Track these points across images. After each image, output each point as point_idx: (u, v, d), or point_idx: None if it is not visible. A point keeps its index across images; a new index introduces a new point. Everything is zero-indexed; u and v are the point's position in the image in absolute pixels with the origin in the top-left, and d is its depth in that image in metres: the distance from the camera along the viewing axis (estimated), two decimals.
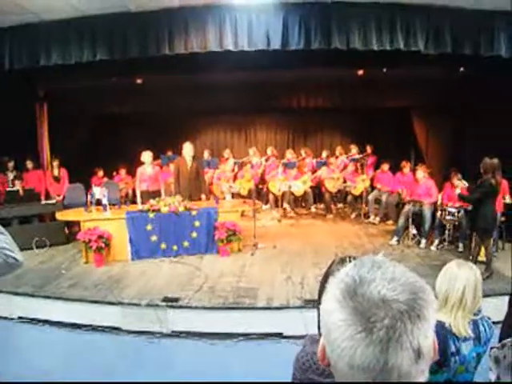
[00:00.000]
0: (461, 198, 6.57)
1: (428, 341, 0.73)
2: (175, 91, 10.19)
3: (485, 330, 2.23)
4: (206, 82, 9.84)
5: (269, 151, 11.64)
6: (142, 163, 8.13)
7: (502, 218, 7.52)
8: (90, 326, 5.19)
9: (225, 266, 6.61)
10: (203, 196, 8.03)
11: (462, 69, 8.46)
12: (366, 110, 11.29)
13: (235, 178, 10.79)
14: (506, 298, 3.10)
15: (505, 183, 7.52)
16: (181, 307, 5.13)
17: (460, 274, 2.22)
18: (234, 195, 9.91)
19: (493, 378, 2.30)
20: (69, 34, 6.17)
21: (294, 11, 5.84)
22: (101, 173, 10.59)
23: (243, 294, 5.44)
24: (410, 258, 7.06)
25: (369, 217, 9.71)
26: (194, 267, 6.56)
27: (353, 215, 10.26)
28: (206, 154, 11.64)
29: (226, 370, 4.23)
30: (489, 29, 6.17)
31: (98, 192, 7.35)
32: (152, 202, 7.12)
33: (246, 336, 4.92)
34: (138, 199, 8.06)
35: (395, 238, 7.90)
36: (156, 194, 7.86)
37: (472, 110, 9.57)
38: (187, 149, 7.86)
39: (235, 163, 11.06)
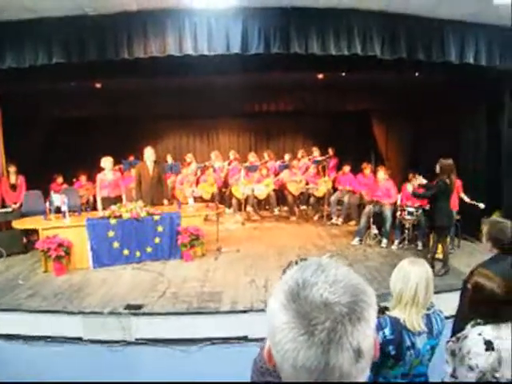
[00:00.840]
0: (414, 195, 6.80)
1: (368, 341, 0.76)
2: (136, 95, 10.08)
3: (437, 323, 2.32)
4: (167, 87, 9.78)
5: (231, 155, 11.65)
6: (103, 169, 7.98)
7: (458, 217, 7.79)
8: (49, 337, 5.02)
9: (188, 271, 6.57)
10: (166, 201, 7.96)
11: (416, 73, 8.72)
12: (327, 113, 11.52)
13: (198, 182, 10.74)
14: None
15: (459, 182, 7.81)
16: (144, 314, 5.06)
17: (412, 272, 2.30)
18: (197, 199, 9.85)
19: (449, 370, 2.38)
20: (23, 36, 6.00)
21: (254, 16, 5.88)
22: (60, 179, 10.30)
23: (207, 299, 5.43)
24: (371, 257, 7.22)
25: (331, 218, 9.86)
26: (158, 273, 6.49)
27: (316, 217, 10.39)
28: (169, 159, 11.56)
29: (191, 376, 4.20)
30: (440, 36, 6.42)
31: (57, 199, 7.16)
32: (113, 208, 7.00)
33: (211, 340, 4.91)
34: (99, 206, 7.90)
35: (357, 238, 8.06)
36: (117, 200, 7.72)
37: (427, 113, 9.90)
38: (148, 153, 7.78)
39: (197, 167, 11.00)
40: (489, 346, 2.27)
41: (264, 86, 10.33)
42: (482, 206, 7.52)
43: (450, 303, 3.37)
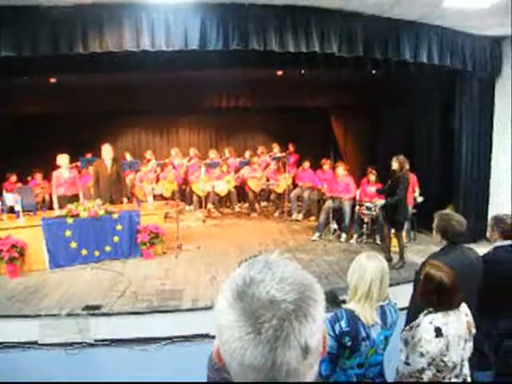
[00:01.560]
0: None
1: (315, 338, 0.75)
2: (93, 91, 9.82)
3: (391, 314, 2.40)
4: (126, 82, 9.57)
5: (191, 152, 11.55)
6: (59, 167, 7.76)
7: (414, 211, 8.04)
8: (2, 343, 4.82)
9: (149, 270, 6.50)
10: (125, 199, 7.82)
11: (373, 71, 8.90)
12: (287, 109, 11.58)
13: (158, 179, 10.62)
14: None
15: (414, 177, 8.06)
16: (103, 314, 4.97)
17: (368, 267, 2.37)
18: (157, 197, 9.74)
19: (403, 357, 2.48)
20: None
21: (212, 12, 5.83)
22: (13, 178, 9.94)
23: (168, 297, 5.39)
24: (331, 251, 7.36)
25: (292, 214, 9.96)
26: (117, 272, 6.38)
27: (276, 213, 10.47)
28: (128, 156, 11.35)
29: (153, 375, 4.16)
30: (395, 35, 6.58)
31: (10, 198, 6.90)
32: (70, 206, 6.83)
33: (172, 339, 4.88)
34: (55, 204, 7.68)
35: (317, 234, 8.18)
36: (74, 199, 7.54)
37: (384, 110, 10.14)
38: (106, 151, 7.62)
39: (157, 164, 10.86)
40: (438, 332, 2.39)
41: (224, 83, 10.31)
42: (420, 199, 7.81)
43: (406, 295, 3.48)
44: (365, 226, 7.96)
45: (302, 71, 8.78)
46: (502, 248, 3.65)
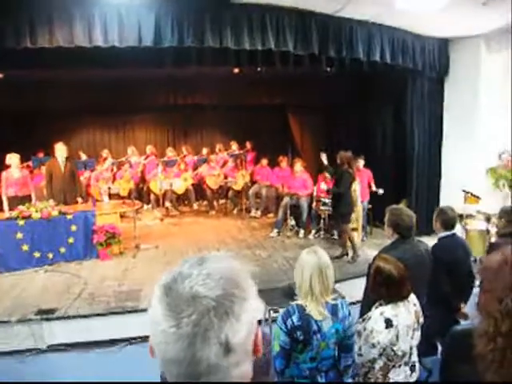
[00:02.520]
0: (331, 191, 7.03)
1: (239, 335, 0.76)
2: (44, 87, 9.51)
3: (342, 308, 2.46)
4: (78, 79, 9.30)
5: (148, 150, 11.39)
6: (8, 166, 7.48)
7: (369, 206, 8.24)
8: None
9: (105, 271, 6.37)
10: (80, 199, 7.63)
11: (329, 69, 9.04)
12: (245, 106, 11.59)
13: (114, 178, 10.41)
14: None
15: (370, 173, 8.27)
16: (58, 318, 4.83)
17: (306, 263, 2.43)
18: (113, 196, 9.54)
19: (356, 349, 2.57)
20: None
21: (167, 8, 5.75)
22: None
23: (125, 298, 5.31)
24: (290, 248, 7.44)
25: (250, 211, 10.00)
26: (72, 274, 6.21)
27: (235, 210, 10.49)
28: (82, 155, 11.06)
29: (111, 379, 4.08)
30: (349, 34, 6.71)
31: None
32: (21, 208, 6.60)
33: (131, 340, 4.81)
34: (5, 206, 7.40)
35: (275, 230, 8.26)
36: (26, 200, 7.28)
37: (339, 108, 10.32)
38: (59, 150, 7.42)
39: (113, 163, 10.65)
40: (388, 323, 2.49)
41: (180, 80, 10.23)
42: (380, 191, 8.03)
43: (360, 289, 3.57)
44: (322, 221, 8.10)
45: (258, 69, 8.79)
46: (445, 238, 3.84)
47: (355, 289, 5.24)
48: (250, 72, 9.43)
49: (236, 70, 9.43)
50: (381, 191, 8.14)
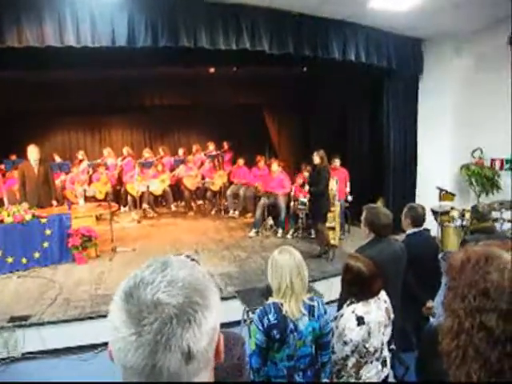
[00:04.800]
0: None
1: (201, 343, 0.75)
2: (14, 88, 9.27)
3: (318, 306, 2.48)
4: (53, 79, 9.13)
5: (125, 151, 11.25)
6: None
7: (347, 204, 8.31)
8: None
9: (81, 275, 6.26)
10: (54, 202, 7.50)
11: (304, 68, 9.10)
12: (221, 107, 11.55)
13: (90, 181, 10.26)
14: None
15: (346, 172, 8.34)
16: (31, 325, 4.72)
17: (284, 262, 2.43)
18: (90, 199, 9.41)
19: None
20: None
21: (140, 7, 5.69)
22: None
23: (101, 302, 5.21)
24: (268, 247, 7.43)
25: (228, 211, 9.98)
26: (47, 279, 6.09)
27: (213, 211, 10.45)
28: (57, 157, 10.87)
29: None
30: (324, 34, 6.75)
31: None
32: None
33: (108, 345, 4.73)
34: None
35: (254, 230, 8.25)
36: None
37: (316, 107, 10.38)
38: (32, 152, 7.26)
39: (89, 165, 10.50)
40: (360, 321, 2.53)
41: (155, 80, 10.13)
42: (349, 198, 8.14)
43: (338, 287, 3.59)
44: (300, 220, 8.12)
45: (234, 68, 8.78)
46: (413, 235, 3.89)
47: (333, 287, 5.28)
48: (225, 72, 9.41)
49: (212, 70, 9.40)
50: (349, 198, 8.24)
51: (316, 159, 6.77)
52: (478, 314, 0.91)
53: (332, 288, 5.46)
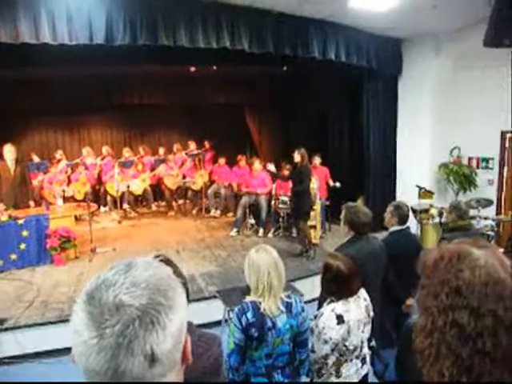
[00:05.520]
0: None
1: (165, 346, 0.74)
2: None
3: (296, 304, 2.48)
4: (30, 77, 8.94)
5: (104, 150, 11.10)
6: None
7: (327, 203, 8.35)
8: None
9: (60, 276, 6.16)
10: (32, 202, 7.37)
11: (285, 68, 9.11)
12: (202, 106, 11.50)
13: (69, 181, 10.10)
14: None
15: (326, 170, 8.38)
16: (8, 329, 4.61)
17: (261, 260, 2.43)
18: (69, 199, 9.26)
19: (309, 346, 2.60)
20: None
21: (118, 5, 5.58)
22: None
23: None
24: (249, 246, 7.34)
25: (210, 211, 9.94)
26: (24, 281, 5.97)
27: (194, 210, 10.38)
28: (35, 157, 10.68)
29: None
30: (304, 33, 6.75)
31: None
32: None
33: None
34: None
35: (235, 230, 8.23)
36: None
37: (297, 106, 10.40)
38: (8, 152, 7.11)
39: (68, 165, 10.34)
40: (339, 319, 2.54)
41: (135, 79, 10.01)
42: (337, 184, 8.16)
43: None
44: (281, 220, 8.13)
45: (214, 67, 8.74)
46: (397, 232, 3.93)
47: (315, 286, 5.29)
48: (206, 71, 9.37)
49: (192, 69, 9.34)
50: (338, 184, 8.26)
51: (297, 157, 6.78)
52: (451, 312, 0.92)
53: (313, 286, 5.48)
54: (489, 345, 0.87)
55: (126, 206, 9.94)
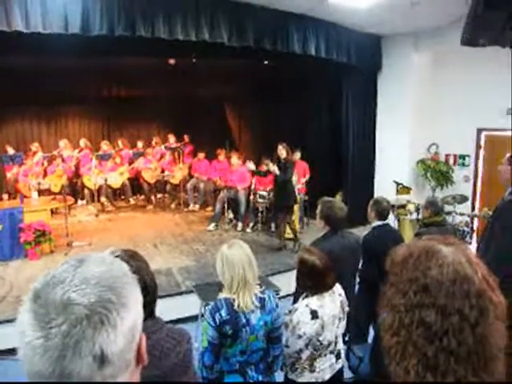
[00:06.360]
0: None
1: (117, 346, 0.70)
2: None
3: (269, 300, 2.47)
4: (5, 66, 8.63)
5: (82, 143, 10.91)
6: None
7: (306, 197, 8.37)
8: None
9: (34, 271, 6.04)
10: (5, 195, 7.22)
11: (265, 62, 9.06)
12: (182, 99, 11.40)
13: (45, 173, 9.91)
14: None
15: (306, 166, 8.39)
16: None
17: (235, 256, 2.41)
18: (45, 192, 9.08)
19: (284, 340, 2.60)
20: None
21: None
22: None
23: None
24: (227, 241, 7.33)
25: (188, 205, 9.87)
26: None
27: (173, 204, 10.30)
28: (9, 149, 10.44)
29: None
30: (285, 27, 6.72)
31: None
32: None
33: None
34: None
35: (213, 224, 8.20)
36: None
37: (276, 101, 10.38)
38: None
39: (44, 157, 10.14)
40: (314, 314, 2.54)
41: (114, 70, 9.83)
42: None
43: None
44: (260, 214, 8.13)
45: (194, 60, 8.65)
46: (378, 227, 3.96)
47: (292, 280, 5.30)
48: (185, 63, 9.26)
49: (172, 61, 9.22)
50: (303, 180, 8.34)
51: (283, 152, 6.81)
52: (418, 310, 0.91)
53: (291, 281, 5.47)
54: (454, 343, 0.87)
55: (103, 199, 9.81)
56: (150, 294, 1.70)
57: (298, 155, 8.32)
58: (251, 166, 7.54)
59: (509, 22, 3.19)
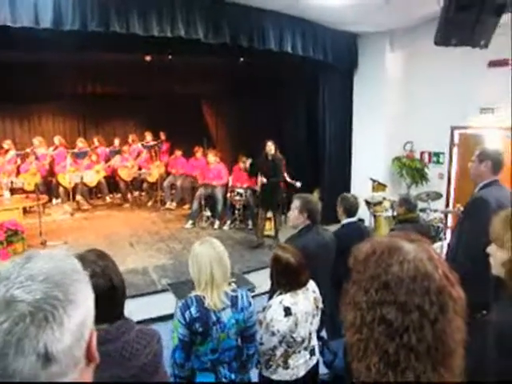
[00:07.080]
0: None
1: (63, 344, 0.69)
2: None
3: (242, 298, 2.46)
4: None
5: (56, 140, 10.71)
6: None
7: (284, 194, 8.38)
8: None
9: None
10: None
11: (241, 59, 9.03)
12: (158, 96, 11.29)
13: (18, 172, 9.71)
14: None
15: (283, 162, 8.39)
16: None
17: (204, 253, 2.39)
18: (17, 191, 8.89)
19: (258, 338, 2.60)
20: None
21: None
22: None
23: None
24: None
25: (165, 203, 9.81)
26: None
27: (150, 202, 10.24)
28: None
29: None
30: (261, 24, 6.71)
31: None
32: None
33: None
34: None
35: (190, 222, 8.17)
36: None
37: (253, 98, 10.38)
38: None
39: (17, 155, 9.92)
40: (287, 311, 2.56)
41: (89, 67, 9.68)
42: (298, 184, 8.18)
43: None
44: (237, 212, 8.12)
45: (170, 57, 8.57)
46: (348, 224, 4.00)
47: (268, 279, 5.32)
48: (161, 60, 9.16)
49: (148, 58, 9.11)
50: (298, 184, 8.28)
51: (272, 149, 6.92)
52: (379, 307, 0.92)
53: (268, 279, 5.49)
54: (414, 339, 0.88)
55: (79, 197, 9.66)
56: (119, 294, 1.68)
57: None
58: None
59: (477, 24, 3.26)
